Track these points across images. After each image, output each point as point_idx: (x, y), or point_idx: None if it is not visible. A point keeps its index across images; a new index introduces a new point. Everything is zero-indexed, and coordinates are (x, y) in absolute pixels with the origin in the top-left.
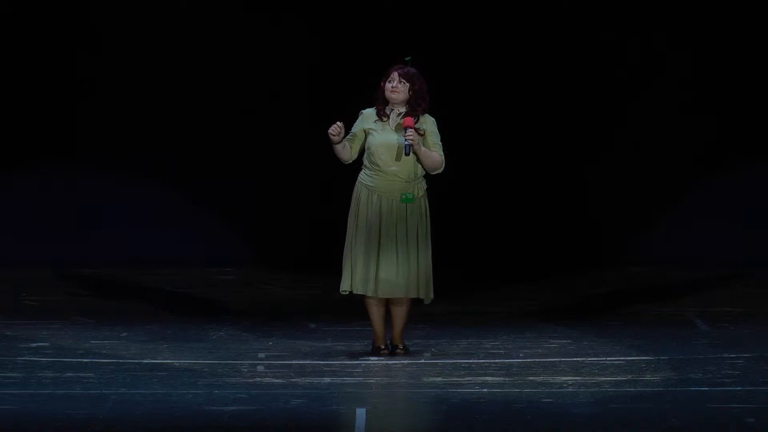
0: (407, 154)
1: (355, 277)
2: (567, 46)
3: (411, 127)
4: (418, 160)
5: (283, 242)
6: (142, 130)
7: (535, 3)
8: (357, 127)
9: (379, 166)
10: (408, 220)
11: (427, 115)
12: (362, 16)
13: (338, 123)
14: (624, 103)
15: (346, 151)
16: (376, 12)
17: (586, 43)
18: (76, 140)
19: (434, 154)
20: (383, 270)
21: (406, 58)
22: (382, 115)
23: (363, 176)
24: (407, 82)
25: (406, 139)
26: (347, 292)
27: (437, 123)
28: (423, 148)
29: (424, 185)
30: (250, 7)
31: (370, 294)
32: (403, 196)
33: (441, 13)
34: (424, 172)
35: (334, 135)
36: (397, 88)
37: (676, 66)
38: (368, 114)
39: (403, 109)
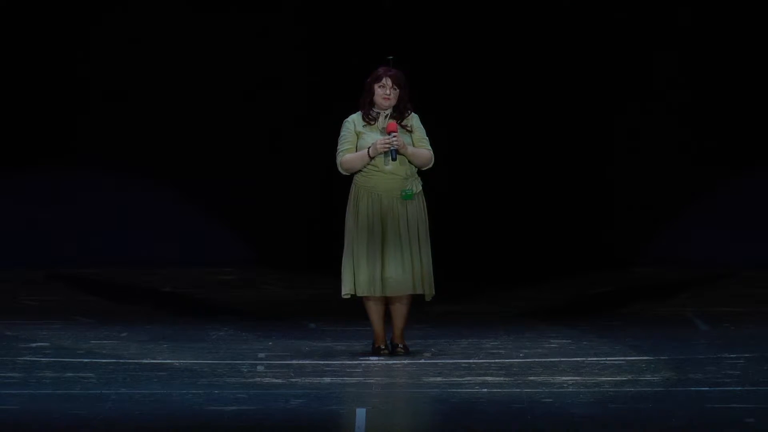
0: (394, 159)
1: (358, 279)
2: (574, 45)
3: (395, 132)
4: (408, 159)
5: (283, 242)
6: (142, 130)
7: (537, 3)
8: (351, 134)
9: (377, 166)
10: (409, 217)
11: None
12: (362, 16)
13: (393, 134)
14: (626, 107)
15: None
16: (378, 13)
17: (593, 43)
18: (75, 141)
19: (422, 150)
20: (389, 268)
21: (389, 57)
22: (370, 120)
23: (359, 178)
24: (398, 88)
25: (391, 145)
26: (349, 296)
27: (422, 119)
28: (410, 148)
29: (420, 181)
30: (249, 9)
31: (377, 294)
32: (404, 193)
33: (447, 12)
34: (417, 169)
35: (396, 142)
36: (389, 96)
37: (677, 72)
38: (356, 119)
39: (389, 111)
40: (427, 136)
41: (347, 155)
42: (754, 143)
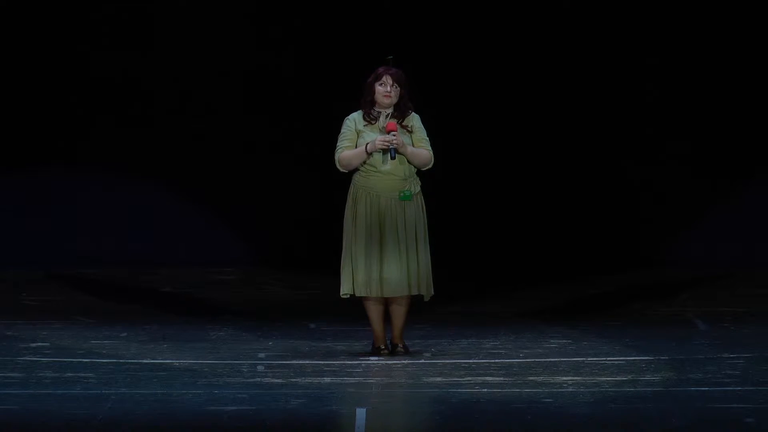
0: (393, 158)
1: (356, 279)
2: (579, 43)
3: (394, 131)
4: (407, 159)
5: (283, 242)
6: (142, 130)
7: (540, 3)
8: (351, 132)
9: (375, 166)
10: (407, 218)
11: (412, 112)
12: (360, 16)
13: (392, 133)
14: (627, 110)
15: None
16: (377, 12)
17: (601, 43)
18: (76, 140)
19: (422, 151)
20: (387, 269)
21: (388, 57)
22: (371, 119)
23: (358, 178)
24: (399, 85)
25: (390, 144)
26: (348, 296)
27: (423, 119)
28: (410, 148)
29: (419, 182)
30: (249, 8)
31: (374, 295)
32: (402, 194)
33: (447, 12)
34: (416, 169)
35: (396, 141)
36: (390, 93)
37: (680, 78)
38: (357, 118)
39: (390, 111)
40: (428, 136)
41: (346, 152)
42: (754, 149)
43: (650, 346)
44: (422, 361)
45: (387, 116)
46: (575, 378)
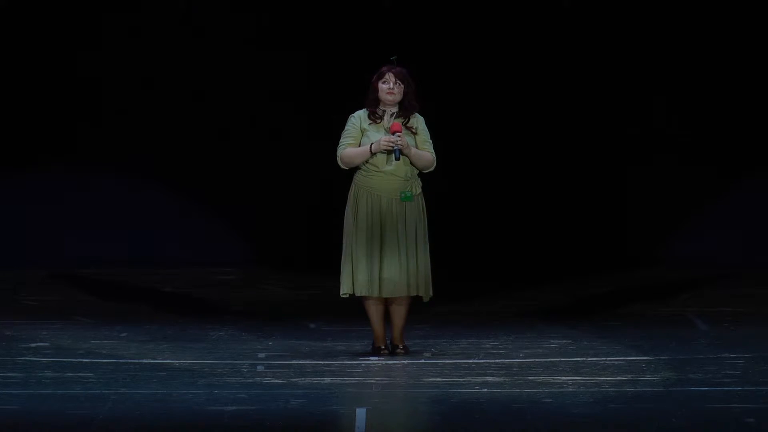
0: (397, 159)
1: (356, 279)
2: (582, 43)
3: (399, 132)
4: (410, 161)
5: (283, 242)
6: (142, 130)
7: (539, 4)
8: (356, 129)
9: (377, 166)
10: (407, 219)
11: (416, 113)
12: (360, 17)
13: (397, 134)
14: (629, 111)
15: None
16: (377, 13)
17: (597, 43)
18: (76, 140)
19: (425, 153)
20: (386, 270)
21: (392, 58)
22: (376, 118)
23: (359, 177)
24: (402, 83)
25: (395, 144)
26: (347, 295)
27: (426, 121)
28: (413, 149)
29: (420, 183)
30: (250, 9)
31: (375, 295)
32: (403, 195)
33: (447, 12)
34: (418, 171)
35: (401, 142)
36: (393, 90)
37: (680, 80)
38: (362, 116)
39: (395, 110)
40: (431, 139)
41: (348, 149)
42: (754, 149)
43: (650, 346)
44: (422, 361)
45: (392, 115)
46: (575, 378)
